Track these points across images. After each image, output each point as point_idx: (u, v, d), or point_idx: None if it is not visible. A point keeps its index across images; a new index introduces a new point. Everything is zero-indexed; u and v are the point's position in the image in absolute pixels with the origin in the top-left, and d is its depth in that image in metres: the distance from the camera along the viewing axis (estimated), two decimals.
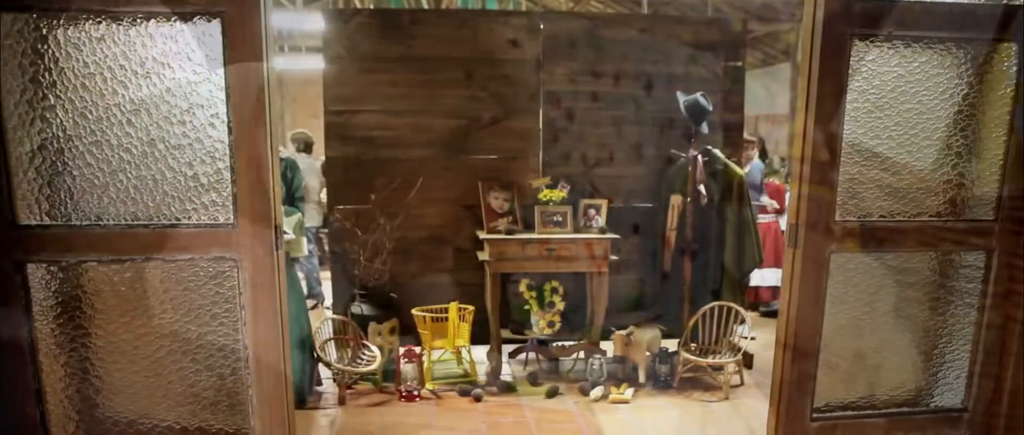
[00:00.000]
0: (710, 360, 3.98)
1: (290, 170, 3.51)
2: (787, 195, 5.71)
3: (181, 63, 1.85)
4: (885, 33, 2.04)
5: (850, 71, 2.03)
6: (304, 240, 3.39)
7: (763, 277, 5.68)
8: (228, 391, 2.05)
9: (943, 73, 2.12)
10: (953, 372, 2.35)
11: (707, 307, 4.04)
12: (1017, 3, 2.07)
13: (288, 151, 3.45)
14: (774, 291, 5.73)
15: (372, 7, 8.81)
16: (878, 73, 2.08)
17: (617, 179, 4.28)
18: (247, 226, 1.91)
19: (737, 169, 4.19)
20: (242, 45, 1.83)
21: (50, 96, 1.82)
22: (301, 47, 12.08)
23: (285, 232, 2.95)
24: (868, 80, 2.07)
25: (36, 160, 1.85)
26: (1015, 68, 2.11)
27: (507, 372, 4.12)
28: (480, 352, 4.08)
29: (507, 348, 4.07)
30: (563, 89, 4.16)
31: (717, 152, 4.17)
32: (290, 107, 15.98)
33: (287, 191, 3.34)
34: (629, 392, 3.83)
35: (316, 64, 9.53)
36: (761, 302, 5.95)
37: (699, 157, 4.09)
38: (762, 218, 5.90)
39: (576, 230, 3.97)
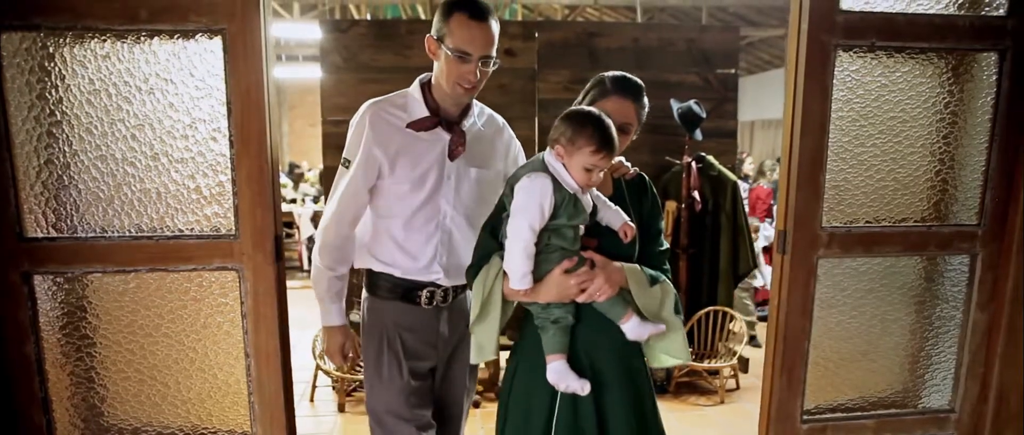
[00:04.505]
0: (706, 364, 4.03)
1: (560, 195, 1.87)
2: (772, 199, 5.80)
3: (184, 79, 1.90)
4: (868, 44, 2.10)
5: (834, 81, 2.09)
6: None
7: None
8: (230, 398, 2.09)
9: (925, 82, 2.18)
10: (940, 374, 2.40)
11: (702, 312, 4.09)
12: (995, 14, 2.13)
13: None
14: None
15: (369, 17, 8.85)
16: (862, 83, 2.14)
17: None
18: (248, 236, 1.96)
19: (731, 175, 4.25)
20: (243, 61, 1.88)
21: (56, 112, 1.87)
22: (298, 56, 12.15)
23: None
24: (852, 89, 2.13)
25: (43, 174, 1.90)
26: (995, 77, 2.17)
27: None
28: None
29: (505, 354, 4.10)
30: (558, 97, 4.21)
31: (711, 158, 4.23)
32: (288, 115, 16.00)
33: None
34: None
35: (313, 72, 9.57)
36: (757, 302, 6.02)
37: (693, 163, 4.15)
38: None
39: None
